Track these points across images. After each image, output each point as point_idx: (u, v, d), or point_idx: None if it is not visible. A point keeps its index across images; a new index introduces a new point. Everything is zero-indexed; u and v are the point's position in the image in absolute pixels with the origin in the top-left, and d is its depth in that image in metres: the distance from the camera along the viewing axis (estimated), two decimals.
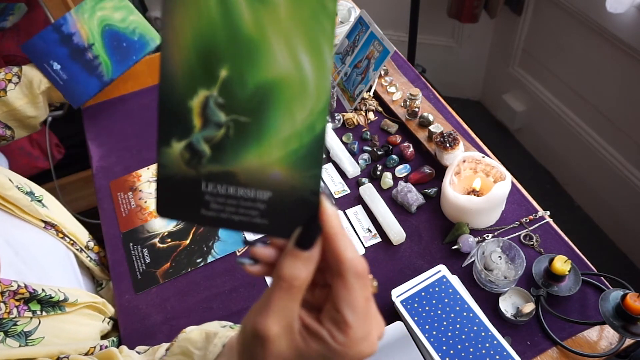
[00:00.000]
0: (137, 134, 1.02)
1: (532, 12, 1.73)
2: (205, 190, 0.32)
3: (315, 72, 0.31)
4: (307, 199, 0.31)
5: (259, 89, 0.31)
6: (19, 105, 0.91)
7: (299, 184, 0.31)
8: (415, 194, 0.83)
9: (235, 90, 0.31)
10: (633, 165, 1.55)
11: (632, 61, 1.41)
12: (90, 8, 0.98)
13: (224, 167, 0.32)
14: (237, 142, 0.32)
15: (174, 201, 0.33)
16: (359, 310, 0.31)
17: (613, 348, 0.66)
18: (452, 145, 0.83)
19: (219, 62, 0.31)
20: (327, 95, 0.31)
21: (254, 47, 0.31)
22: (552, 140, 1.87)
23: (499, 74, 2.03)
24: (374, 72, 0.94)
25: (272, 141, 0.31)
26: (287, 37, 0.31)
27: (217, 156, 0.32)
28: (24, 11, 1.71)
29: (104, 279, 0.84)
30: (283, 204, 0.32)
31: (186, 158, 0.32)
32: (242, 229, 0.32)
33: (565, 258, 0.68)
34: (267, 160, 0.31)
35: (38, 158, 1.61)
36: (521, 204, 0.82)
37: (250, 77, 0.31)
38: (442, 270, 0.71)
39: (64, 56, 0.96)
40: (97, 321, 0.72)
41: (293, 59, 0.31)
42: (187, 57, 0.31)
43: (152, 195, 0.90)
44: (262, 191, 0.32)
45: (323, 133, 0.31)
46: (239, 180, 0.32)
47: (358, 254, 0.31)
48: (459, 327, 0.65)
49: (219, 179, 0.32)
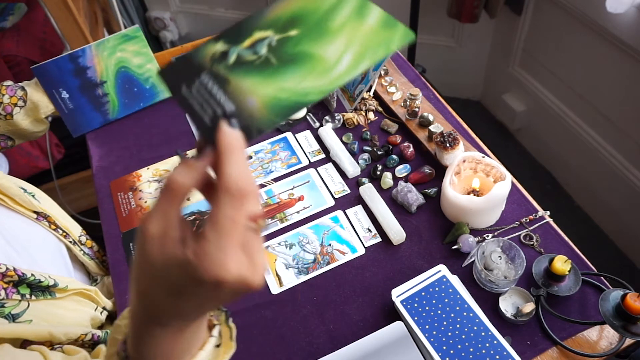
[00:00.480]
0: (137, 134, 1.02)
1: (532, 12, 1.73)
2: (201, 79, 0.40)
3: (344, 70, 0.41)
4: (250, 129, 0.37)
5: (302, 53, 0.42)
6: (25, 125, 0.94)
7: (258, 117, 0.38)
8: (415, 194, 0.83)
9: (288, 44, 0.43)
10: (633, 165, 1.55)
11: (632, 61, 1.41)
12: (111, 47, 0.99)
13: (228, 74, 0.41)
14: (254, 69, 0.41)
15: (176, 70, 0.41)
16: (218, 227, 0.31)
17: (613, 348, 0.66)
18: (452, 145, 0.83)
19: (296, 25, 0.44)
20: (335, 86, 0.41)
21: (326, 32, 0.43)
22: (552, 140, 1.87)
23: (499, 74, 2.03)
24: (374, 72, 0.94)
25: (274, 83, 0.40)
26: (351, 41, 0.43)
27: (232, 67, 0.41)
28: (24, 11, 1.71)
29: (99, 274, 0.84)
30: (233, 121, 0.37)
31: (215, 55, 0.42)
32: (194, 120, 0.38)
33: (565, 258, 0.68)
34: (257, 89, 0.40)
35: (38, 158, 1.61)
36: (521, 204, 0.82)
37: (304, 44, 0.42)
38: (442, 270, 0.71)
39: (74, 87, 0.97)
40: (87, 308, 0.72)
41: (340, 54, 0.42)
42: (284, 11, 0.45)
43: (152, 195, 0.90)
44: (230, 102, 0.38)
45: (308, 104, 0.39)
46: (226, 87, 0.39)
47: (245, 177, 0.32)
48: (459, 327, 0.65)
49: (217, 78, 0.40)
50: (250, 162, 0.94)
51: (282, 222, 0.84)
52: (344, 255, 0.79)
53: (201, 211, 0.87)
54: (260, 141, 0.98)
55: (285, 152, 0.95)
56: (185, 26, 2.64)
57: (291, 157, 0.94)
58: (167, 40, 2.57)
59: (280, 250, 0.81)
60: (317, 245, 0.81)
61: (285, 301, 0.75)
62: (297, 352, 0.69)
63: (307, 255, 0.80)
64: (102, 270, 0.85)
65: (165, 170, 0.94)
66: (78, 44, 1.44)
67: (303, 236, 0.82)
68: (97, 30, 1.68)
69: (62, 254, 0.77)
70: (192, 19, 2.61)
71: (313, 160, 0.94)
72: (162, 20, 2.50)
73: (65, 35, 1.42)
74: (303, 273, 0.77)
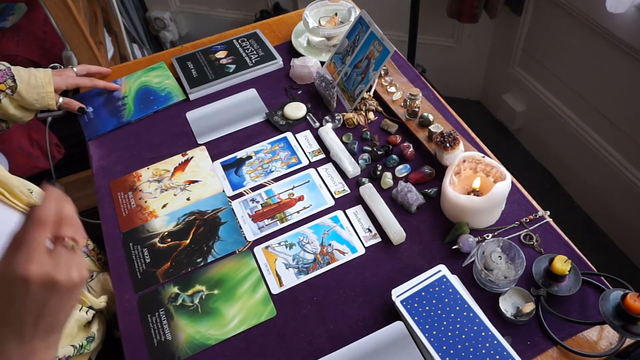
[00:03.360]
0: (137, 134, 1.02)
1: (532, 12, 1.73)
2: (159, 312, 0.75)
3: (231, 328, 0.72)
4: (174, 356, 0.70)
5: (215, 309, 0.74)
6: (12, 111, 0.94)
7: (181, 348, 0.71)
8: (415, 194, 0.83)
9: (211, 300, 0.75)
10: (633, 165, 1.55)
11: (632, 61, 1.41)
12: (138, 76, 1.15)
13: (174, 313, 0.75)
14: (188, 313, 0.74)
15: (147, 301, 0.76)
16: (21, 242, 0.43)
17: (613, 348, 0.66)
18: (452, 145, 0.83)
19: (219, 285, 0.76)
20: (224, 338, 0.71)
21: (233, 297, 0.75)
22: (552, 140, 1.87)
23: (499, 74, 2.03)
24: (374, 72, 0.94)
25: (195, 327, 0.72)
26: (242, 307, 0.74)
27: (177, 309, 0.75)
28: (24, 11, 1.71)
29: (94, 270, 0.84)
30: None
31: (171, 296, 0.77)
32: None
33: (565, 258, 0.68)
34: (185, 328, 0.73)
35: (38, 158, 1.61)
36: (521, 204, 0.82)
37: (219, 302, 0.74)
38: (442, 270, 0.71)
39: (98, 104, 1.09)
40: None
41: (233, 315, 0.73)
42: (216, 273, 0.79)
43: (152, 195, 0.90)
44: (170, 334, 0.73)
45: (207, 347, 0.70)
46: (170, 321, 0.74)
47: (44, 209, 0.45)
48: (459, 327, 0.65)
49: (167, 313, 0.75)
50: (250, 161, 0.94)
51: (282, 222, 0.84)
52: (344, 255, 0.79)
53: (201, 211, 0.87)
54: (260, 141, 0.98)
55: (285, 152, 0.95)
56: (185, 26, 2.64)
57: (291, 157, 0.94)
58: (167, 40, 2.57)
59: (280, 250, 0.81)
60: (317, 245, 0.81)
61: (285, 301, 0.75)
62: (297, 352, 0.69)
63: (307, 255, 0.80)
64: (97, 267, 0.85)
65: (165, 170, 0.94)
66: (78, 44, 1.44)
67: (303, 236, 0.82)
68: (97, 30, 1.68)
69: None
70: (192, 19, 2.61)
71: (313, 160, 0.94)
72: (162, 20, 2.50)
73: (65, 35, 1.42)
74: (303, 273, 0.77)
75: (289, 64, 1.10)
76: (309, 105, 1.03)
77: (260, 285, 0.76)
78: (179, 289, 0.77)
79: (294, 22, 1.23)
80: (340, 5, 1.17)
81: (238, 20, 2.50)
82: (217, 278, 0.77)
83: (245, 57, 1.14)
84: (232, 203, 0.88)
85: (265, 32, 1.22)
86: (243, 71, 1.10)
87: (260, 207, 0.87)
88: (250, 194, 0.89)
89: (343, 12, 1.16)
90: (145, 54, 2.27)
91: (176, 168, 0.95)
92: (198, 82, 1.08)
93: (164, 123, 1.04)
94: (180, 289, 0.77)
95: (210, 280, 0.77)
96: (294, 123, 1.00)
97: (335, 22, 1.14)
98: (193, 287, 0.76)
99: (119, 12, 1.83)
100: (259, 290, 0.75)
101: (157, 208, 0.88)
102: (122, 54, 1.93)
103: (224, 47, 1.17)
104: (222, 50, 1.16)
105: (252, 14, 2.44)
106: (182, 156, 0.96)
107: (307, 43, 1.17)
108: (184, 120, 1.04)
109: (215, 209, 0.87)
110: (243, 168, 0.93)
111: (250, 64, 1.11)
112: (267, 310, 0.73)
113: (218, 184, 0.91)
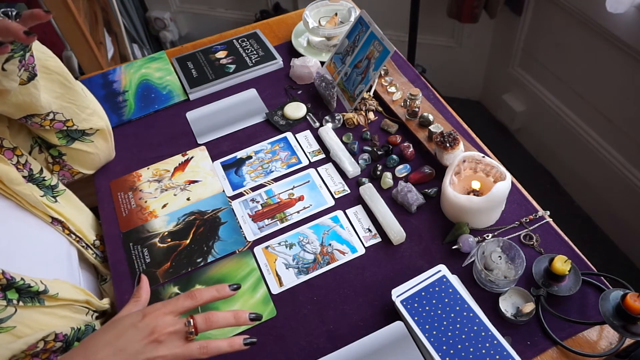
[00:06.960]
0: (137, 134, 1.02)
1: (532, 12, 1.73)
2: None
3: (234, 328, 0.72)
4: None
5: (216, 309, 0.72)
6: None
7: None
8: (415, 194, 0.83)
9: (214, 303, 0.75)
10: (633, 165, 1.55)
11: (632, 61, 1.41)
12: (138, 66, 1.15)
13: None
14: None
15: None
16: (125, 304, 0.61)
17: (613, 348, 0.66)
18: (452, 145, 0.83)
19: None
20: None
21: (234, 296, 0.70)
22: (552, 140, 1.87)
23: (499, 74, 2.03)
24: (374, 72, 0.94)
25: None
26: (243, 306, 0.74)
27: None
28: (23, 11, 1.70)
29: (108, 274, 0.84)
30: None
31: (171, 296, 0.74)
32: None
33: (565, 258, 0.68)
34: None
35: None
36: (521, 204, 0.82)
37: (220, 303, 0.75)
38: (442, 270, 0.71)
39: (99, 97, 1.05)
40: (79, 315, 0.71)
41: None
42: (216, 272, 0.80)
43: (152, 195, 0.90)
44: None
45: None
46: None
47: (141, 297, 0.63)
48: (459, 327, 0.65)
49: None
50: (250, 161, 0.94)
51: (282, 222, 0.84)
52: (344, 255, 0.79)
53: (201, 211, 0.87)
54: (260, 141, 0.98)
55: (285, 152, 0.95)
56: (185, 26, 2.64)
57: (291, 157, 0.95)
58: (167, 40, 2.57)
59: (280, 250, 0.81)
60: (317, 245, 0.81)
61: (285, 301, 0.75)
62: (297, 352, 0.69)
63: (307, 255, 0.80)
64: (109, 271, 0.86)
65: (165, 170, 0.94)
66: (78, 44, 1.44)
67: (303, 236, 0.82)
68: (97, 30, 1.68)
69: (70, 257, 0.77)
70: (192, 19, 2.61)
71: (313, 160, 0.94)
72: (162, 20, 2.50)
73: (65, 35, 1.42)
74: (303, 273, 0.77)
75: (289, 64, 1.10)
76: (309, 105, 1.03)
77: (260, 285, 0.76)
78: (179, 289, 0.77)
79: (294, 22, 1.23)
80: (340, 5, 1.17)
81: (238, 20, 2.50)
82: (217, 278, 0.77)
83: (245, 57, 1.14)
84: (232, 203, 0.88)
85: (265, 32, 1.22)
86: (243, 71, 1.10)
87: (260, 207, 0.87)
88: (250, 194, 0.89)
89: (343, 12, 1.16)
90: (146, 54, 2.27)
91: (176, 168, 0.95)
92: (198, 82, 1.09)
93: (164, 123, 1.04)
94: (180, 289, 0.77)
95: (210, 280, 0.77)
96: (294, 123, 1.00)
97: (335, 22, 1.14)
98: (193, 287, 0.76)
99: (119, 12, 1.83)
100: (259, 290, 0.75)
101: (157, 208, 0.88)
102: (122, 54, 1.93)
103: (224, 47, 1.17)
104: (222, 50, 1.17)
105: (252, 14, 2.44)
106: (182, 156, 0.96)
107: (307, 43, 1.17)
108: (184, 120, 1.04)
109: (215, 209, 0.87)
110: (243, 168, 0.93)
111: (250, 64, 1.12)
112: (267, 310, 0.73)
113: (218, 184, 0.91)
